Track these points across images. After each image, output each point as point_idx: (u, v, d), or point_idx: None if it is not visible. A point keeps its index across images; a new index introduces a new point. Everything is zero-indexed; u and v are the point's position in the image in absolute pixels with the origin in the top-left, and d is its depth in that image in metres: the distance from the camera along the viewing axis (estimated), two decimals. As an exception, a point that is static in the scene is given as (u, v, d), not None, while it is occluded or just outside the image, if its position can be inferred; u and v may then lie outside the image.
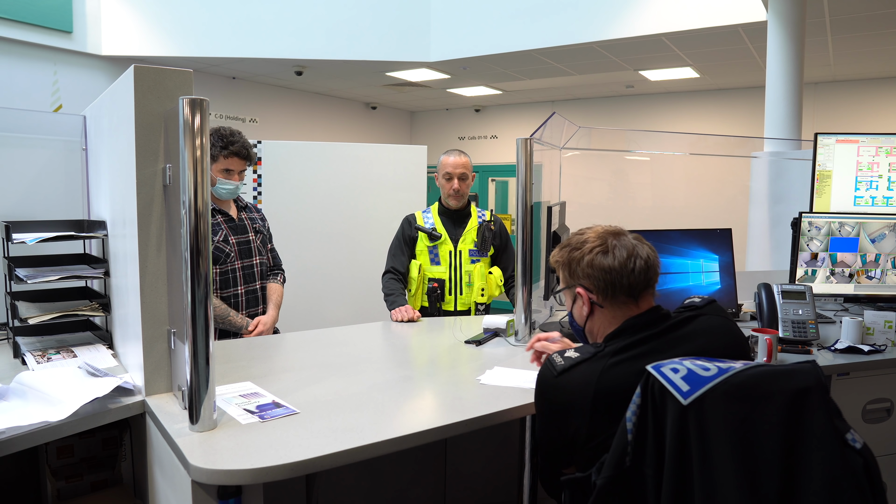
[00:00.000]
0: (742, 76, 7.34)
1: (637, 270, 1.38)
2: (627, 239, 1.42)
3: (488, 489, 2.36)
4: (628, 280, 1.38)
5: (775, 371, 1.14)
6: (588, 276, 1.41)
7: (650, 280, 1.41)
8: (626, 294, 1.39)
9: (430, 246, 2.86)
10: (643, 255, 1.40)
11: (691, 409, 1.10)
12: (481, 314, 2.81)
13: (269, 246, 2.76)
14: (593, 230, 1.47)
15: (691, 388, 1.11)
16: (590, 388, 1.29)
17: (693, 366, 1.15)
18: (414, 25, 6.67)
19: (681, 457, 1.10)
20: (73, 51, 6.17)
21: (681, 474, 1.10)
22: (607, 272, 1.39)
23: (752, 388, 1.11)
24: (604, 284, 1.40)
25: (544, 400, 1.39)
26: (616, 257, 1.39)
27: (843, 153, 2.99)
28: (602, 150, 3.78)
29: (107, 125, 1.94)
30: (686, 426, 1.10)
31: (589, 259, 1.40)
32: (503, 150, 9.80)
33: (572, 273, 1.45)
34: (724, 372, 1.13)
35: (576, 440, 1.31)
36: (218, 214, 2.54)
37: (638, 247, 1.41)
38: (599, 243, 1.41)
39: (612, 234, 1.43)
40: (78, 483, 1.73)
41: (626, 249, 1.39)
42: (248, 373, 1.83)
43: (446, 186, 2.89)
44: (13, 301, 1.95)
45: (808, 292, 2.24)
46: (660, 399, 1.13)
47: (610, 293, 1.40)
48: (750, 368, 1.13)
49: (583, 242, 1.44)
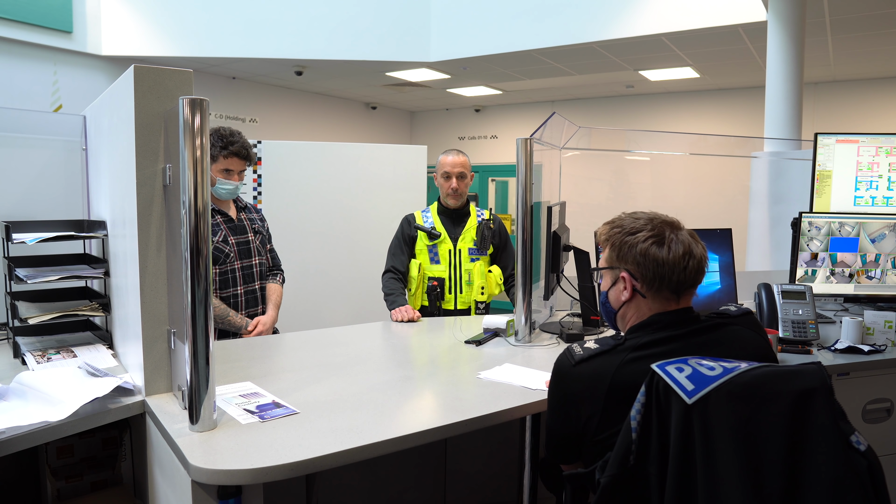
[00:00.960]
0: (742, 76, 7.34)
1: (689, 269, 1.35)
2: (684, 234, 1.38)
3: (488, 489, 2.36)
4: (679, 277, 1.35)
5: (780, 371, 1.13)
6: (638, 263, 1.37)
7: (697, 280, 1.39)
8: (672, 290, 1.36)
9: (430, 245, 2.87)
10: (697, 254, 1.37)
11: (696, 409, 1.09)
12: (481, 313, 2.82)
13: (269, 246, 2.76)
14: (649, 216, 1.42)
15: (696, 388, 1.11)
16: (605, 381, 1.28)
17: (698, 365, 1.14)
18: (414, 25, 6.67)
19: (684, 456, 1.10)
20: (73, 51, 6.17)
21: (684, 473, 1.10)
22: (660, 265, 1.35)
23: (756, 389, 1.11)
24: (652, 275, 1.36)
25: (559, 388, 1.38)
26: (672, 251, 1.35)
27: (843, 153, 2.99)
28: (602, 150, 3.78)
29: (107, 125, 1.94)
30: (690, 425, 1.10)
31: (643, 248, 1.36)
32: (503, 150, 9.80)
33: (621, 256, 1.40)
34: (729, 372, 1.12)
35: (586, 432, 1.32)
36: (217, 215, 2.54)
37: (693, 245, 1.37)
38: (656, 233, 1.37)
39: (669, 226, 1.39)
40: (78, 483, 1.73)
41: (683, 246, 1.36)
42: (248, 373, 1.83)
43: (444, 186, 2.92)
44: (13, 301, 1.95)
45: (808, 292, 2.24)
46: (664, 398, 1.13)
47: (656, 285, 1.36)
48: (755, 368, 1.13)
49: (638, 228, 1.39)
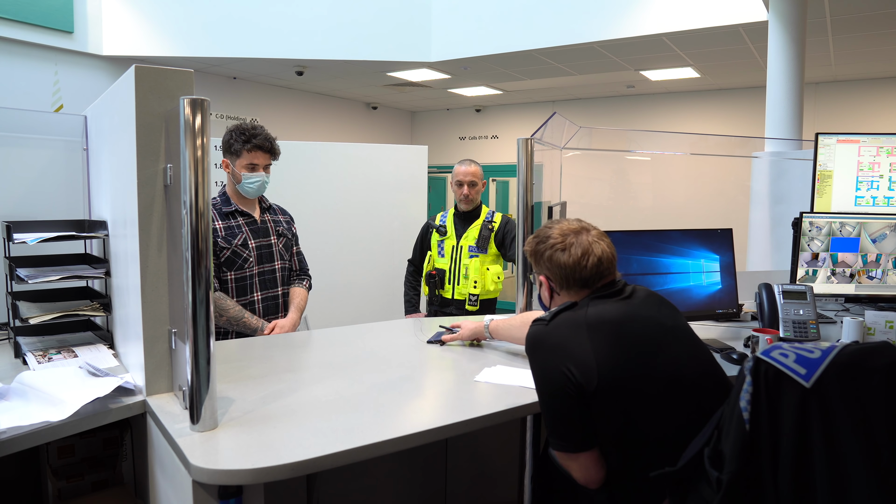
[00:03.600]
0: (743, 76, 7.34)
1: (589, 267, 1.53)
2: (586, 237, 1.56)
3: (488, 489, 2.36)
4: (580, 275, 1.54)
5: (867, 348, 1.15)
6: (548, 268, 1.59)
7: (602, 274, 1.55)
8: (580, 286, 1.55)
9: (439, 240, 3.30)
10: (597, 252, 1.54)
11: (813, 392, 1.10)
12: (473, 304, 3.20)
13: (295, 249, 2.66)
14: (559, 226, 1.61)
15: (809, 371, 1.11)
16: (582, 320, 1.45)
17: (797, 350, 1.15)
18: (415, 25, 6.67)
19: (800, 441, 1.10)
20: (74, 51, 6.17)
21: (800, 459, 1.10)
22: (562, 268, 1.55)
23: (855, 366, 1.12)
24: (560, 277, 1.57)
25: (542, 349, 1.46)
26: (571, 255, 1.54)
27: (844, 153, 2.98)
28: (603, 150, 3.78)
29: (108, 125, 1.94)
30: (807, 409, 1.10)
31: (549, 255, 1.57)
32: (504, 150, 9.80)
33: (537, 262, 1.63)
34: (829, 352, 1.13)
35: (585, 390, 1.35)
36: (239, 216, 2.46)
37: (595, 244, 1.55)
38: (560, 241, 1.57)
39: (573, 233, 1.58)
40: (79, 483, 1.73)
41: (582, 248, 1.54)
42: (248, 373, 1.83)
43: (457, 192, 3.26)
44: (14, 301, 1.95)
45: (808, 292, 2.24)
46: (774, 384, 1.13)
47: (566, 284, 1.57)
48: (846, 347, 1.15)
49: (547, 237, 1.60)
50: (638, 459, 1.39)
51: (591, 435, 1.40)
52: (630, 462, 1.40)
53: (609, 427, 1.39)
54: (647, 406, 1.39)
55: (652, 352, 1.44)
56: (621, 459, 1.41)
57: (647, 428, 1.39)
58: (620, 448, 1.41)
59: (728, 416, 1.17)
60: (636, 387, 1.39)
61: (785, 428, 1.11)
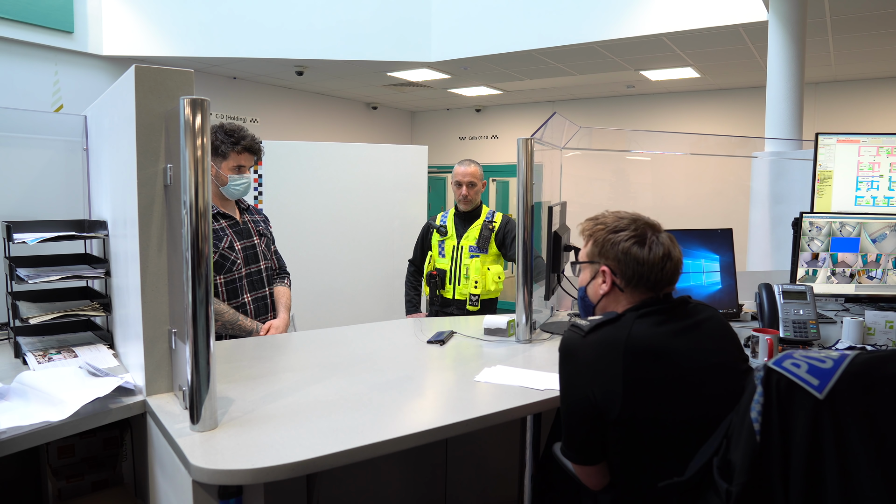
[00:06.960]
0: (743, 76, 7.34)
1: (667, 270, 1.45)
2: (665, 237, 1.47)
3: (488, 489, 2.36)
4: (656, 276, 1.44)
5: (878, 357, 1.12)
6: (619, 259, 1.46)
7: (673, 280, 1.47)
8: (648, 287, 1.45)
9: (440, 240, 3.30)
10: (675, 257, 1.46)
11: (826, 403, 1.07)
12: (474, 304, 3.20)
13: (273, 248, 2.66)
14: (632, 217, 1.50)
15: (821, 382, 1.08)
16: (620, 343, 1.33)
17: (809, 359, 1.12)
18: (415, 25, 6.66)
19: (811, 452, 1.07)
20: (74, 51, 6.17)
21: (811, 471, 1.07)
22: (640, 264, 1.44)
23: (866, 376, 1.09)
24: (632, 273, 1.45)
25: (572, 362, 1.38)
26: (652, 252, 1.44)
27: (844, 153, 2.98)
28: (603, 150, 3.78)
29: (108, 125, 1.94)
30: (820, 421, 1.07)
31: (625, 246, 1.45)
32: (504, 150, 9.80)
33: (602, 251, 1.49)
34: (841, 362, 1.10)
35: (607, 410, 1.31)
36: (221, 219, 2.42)
37: (672, 248, 1.46)
38: (638, 234, 1.46)
39: (651, 228, 1.48)
40: (79, 483, 1.73)
41: (664, 248, 1.45)
42: (248, 373, 1.83)
43: (457, 192, 3.27)
44: (14, 301, 1.95)
45: (808, 292, 2.24)
46: (786, 395, 1.10)
47: (634, 282, 1.45)
48: (858, 356, 1.11)
49: (622, 227, 1.47)
50: (646, 474, 1.37)
51: (602, 452, 1.38)
52: (638, 476, 1.39)
53: (621, 453, 1.37)
54: (665, 445, 1.34)
55: (685, 392, 1.35)
56: (628, 475, 1.39)
57: (661, 461, 1.35)
58: (628, 469, 1.39)
59: (738, 425, 1.15)
60: (658, 426, 1.34)
61: (796, 439, 1.08)
